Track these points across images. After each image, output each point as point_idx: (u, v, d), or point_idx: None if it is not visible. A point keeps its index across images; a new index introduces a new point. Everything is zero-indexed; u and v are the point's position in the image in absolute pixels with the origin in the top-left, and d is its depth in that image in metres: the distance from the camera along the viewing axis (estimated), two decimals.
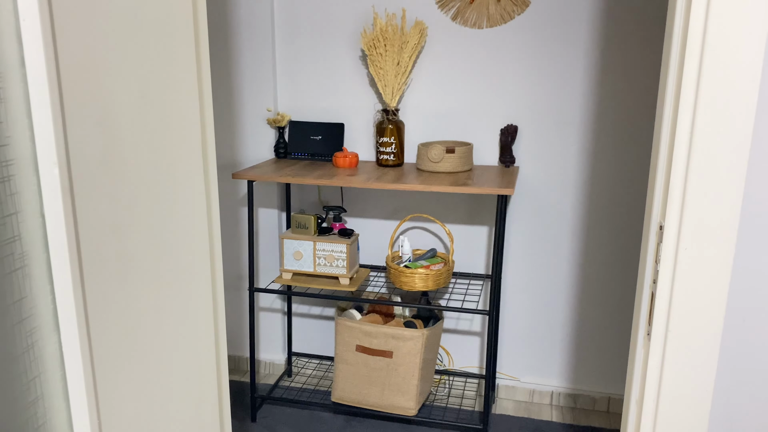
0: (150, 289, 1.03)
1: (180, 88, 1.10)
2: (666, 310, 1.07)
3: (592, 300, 2.43)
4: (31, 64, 0.76)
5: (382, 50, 2.23)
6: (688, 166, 1.00)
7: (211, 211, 1.23)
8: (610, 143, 2.26)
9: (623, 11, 2.14)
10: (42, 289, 0.82)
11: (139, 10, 0.96)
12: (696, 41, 0.94)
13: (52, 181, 0.79)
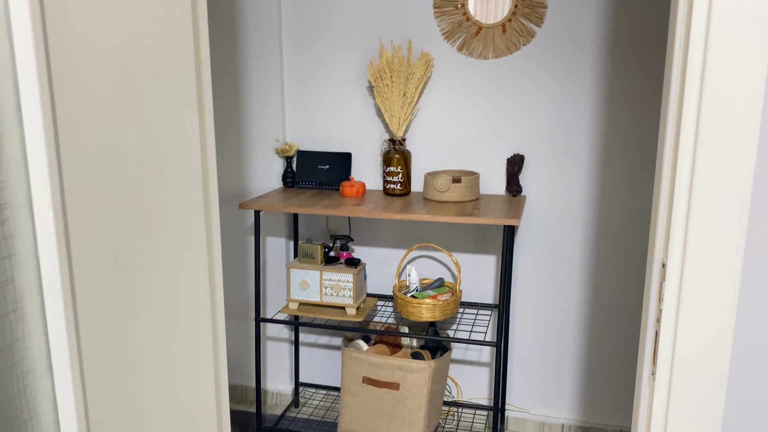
0: (148, 330, 1.02)
1: (181, 126, 1.11)
2: (670, 350, 1.05)
3: (603, 331, 2.39)
4: (27, 107, 0.77)
5: (388, 81, 2.25)
6: (689, 203, 0.99)
7: (213, 249, 1.23)
8: (617, 173, 2.25)
9: (629, 41, 2.14)
10: (35, 331, 0.83)
11: (139, 51, 0.97)
12: (695, 80, 0.94)
13: (47, 224, 0.80)
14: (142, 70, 0.99)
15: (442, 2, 2.27)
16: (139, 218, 0.99)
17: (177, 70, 1.09)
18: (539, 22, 2.20)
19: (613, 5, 2.13)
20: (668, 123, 1.00)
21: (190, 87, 1.14)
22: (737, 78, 0.91)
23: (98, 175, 0.89)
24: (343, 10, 2.37)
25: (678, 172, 0.98)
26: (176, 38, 1.07)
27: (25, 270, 0.80)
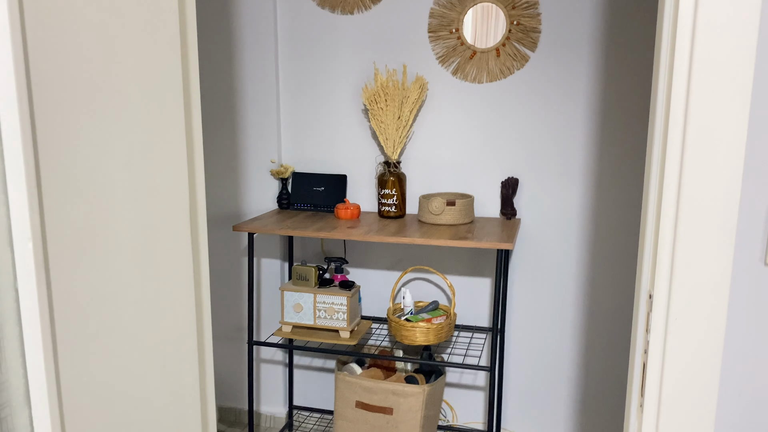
0: (132, 362, 1.02)
1: (168, 154, 1.11)
2: (658, 381, 1.04)
3: (597, 355, 2.37)
4: (6, 133, 0.77)
5: (383, 105, 2.26)
6: (675, 236, 0.98)
7: (200, 276, 1.23)
8: (611, 196, 2.25)
9: (621, 67, 2.15)
10: (14, 364, 0.82)
11: (123, 75, 0.98)
12: (678, 119, 0.94)
13: (26, 255, 0.80)
14: (127, 97, 0.99)
15: (437, 27, 2.29)
16: (125, 247, 0.99)
17: (164, 95, 1.09)
18: (533, 47, 2.22)
19: (606, 32, 2.15)
20: (653, 158, 1.00)
21: (178, 114, 1.14)
22: (719, 122, 0.91)
23: (81, 205, 0.89)
24: (338, 34, 2.39)
25: (663, 206, 0.98)
26: (163, 63, 1.08)
27: (4, 301, 0.80)
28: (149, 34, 1.03)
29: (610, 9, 2.13)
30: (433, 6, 2.28)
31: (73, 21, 0.86)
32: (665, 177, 0.97)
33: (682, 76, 0.91)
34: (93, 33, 0.90)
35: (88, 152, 0.90)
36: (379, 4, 2.33)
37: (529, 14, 2.20)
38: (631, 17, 2.12)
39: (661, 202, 0.98)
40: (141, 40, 1.01)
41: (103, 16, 0.92)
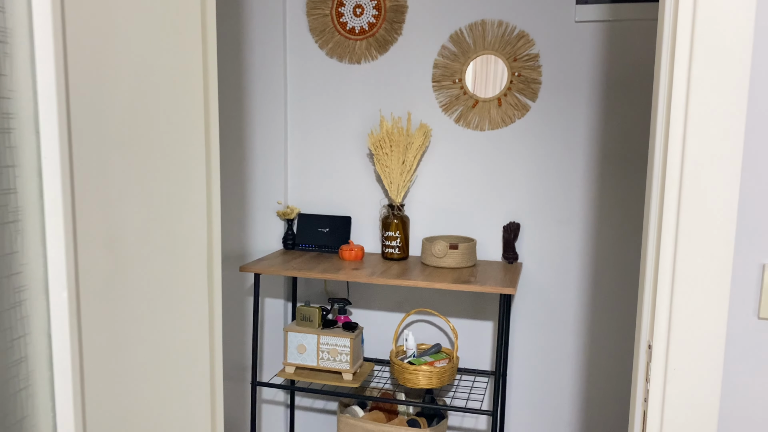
0: (149, 395, 1.05)
1: (188, 205, 1.17)
2: (658, 429, 1.07)
3: (600, 401, 2.39)
4: (49, 196, 0.83)
5: (388, 150, 2.33)
6: (672, 289, 1.03)
7: (214, 322, 1.27)
8: (611, 242, 2.30)
9: (618, 117, 2.24)
10: (44, 407, 0.86)
11: (152, 135, 1.04)
12: (674, 182, 1.00)
13: (61, 303, 0.84)
14: (156, 151, 1.05)
15: (441, 77, 2.38)
16: (146, 294, 1.04)
17: (188, 148, 1.16)
18: (533, 97, 2.30)
19: (603, 84, 2.24)
20: (651, 219, 1.06)
21: (200, 164, 1.20)
22: (713, 185, 0.97)
23: (108, 256, 0.94)
24: (346, 82, 2.48)
25: (661, 262, 1.03)
26: (188, 115, 1.14)
27: (38, 348, 0.84)
28: (178, 90, 1.10)
29: (608, 62, 2.23)
30: (437, 57, 2.38)
31: (110, 90, 0.92)
32: (662, 236, 1.02)
33: (676, 153, 0.98)
34: (130, 94, 0.97)
35: (118, 207, 0.95)
36: (385, 54, 2.43)
37: (530, 66, 2.29)
38: (627, 71, 2.21)
39: (659, 258, 1.03)
40: (169, 97, 1.08)
41: (139, 80, 0.99)
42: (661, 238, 1.02)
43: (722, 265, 1.00)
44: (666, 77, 1.02)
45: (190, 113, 1.14)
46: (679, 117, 0.97)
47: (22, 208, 0.80)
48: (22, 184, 0.80)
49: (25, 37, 0.78)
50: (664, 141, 1.00)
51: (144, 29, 1.01)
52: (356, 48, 2.45)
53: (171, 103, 1.08)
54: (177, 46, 1.10)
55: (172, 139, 1.10)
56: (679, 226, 1.00)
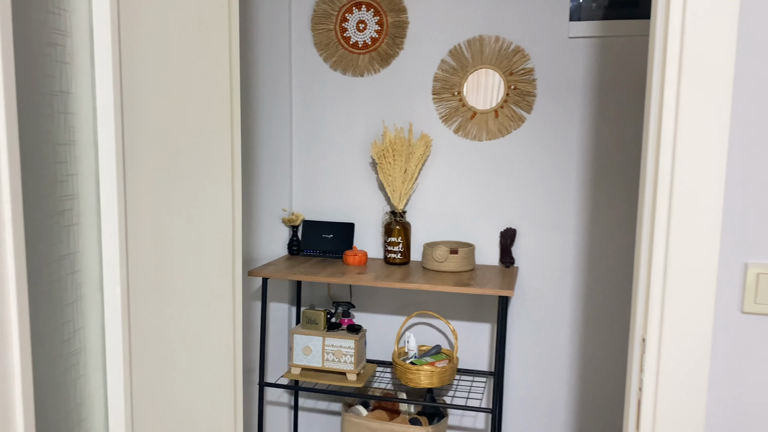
0: (183, 382, 1.14)
1: (217, 211, 1.26)
2: (651, 417, 1.17)
3: (596, 400, 2.49)
4: (105, 202, 0.92)
5: (390, 159, 2.43)
6: (664, 288, 1.13)
7: (236, 308, 1.36)
8: (604, 246, 2.41)
9: (611, 127, 2.35)
10: (98, 393, 0.94)
11: (188, 143, 1.13)
12: (665, 187, 1.10)
13: (114, 299, 0.93)
14: (189, 165, 1.14)
15: (440, 90, 2.49)
16: (182, 290, 1.12)
17: (215, 164, 1.25)
18: (529, 109, 2.42)
19: (597, 96, 2.35)
20: (644, 223, 1.16)
21: (225, 180, 1.30)
22: (700, 191, 1.08)
23: (153, 255, 1.03)
24: (349, 94, 2.58)
25: (653, 262, 1.13)
26: (215, 135, 1.24)
27: (93, 341, 0.93)
28: (208, 113, 1.19)
29: (600, 76, 2.34)
30: (437, 71, 2.48)
31: (155, 112, 1.02)
32: (654, 238, 1.12)
33: (666, 161, 1.08)
34: (170, 114, 1.06)
35: (161, 212, 1.04)
36: (387, 68, 2.54)
37: (525, 80, 2.40)
38: (618, 85, 2.33)
39: (652, 258, 1.13)
40: (202, 113, 1.17)
41: (179, 103, 1.08)
42: (653, 240, 1.12)
43: (709, 265, 1.10)
44: (657, 93, 1.13)
45: (218, 132, 1.24)
46: (669, 130, 1.08)
47: (82, 213, 0.89)
48: (83, 191, 0.89)
49: (86, 59, 0.87)
50: (656, 152, 1.11)
51: (184, 57, 1.11)
52: (359, 61, 2.56)
53: (203, 123, 1.17)
54: (211, 76, 1.19)
55: (204, 155, 1.19)
56: (670, 229, 1.11)
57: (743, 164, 1.08)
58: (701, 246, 1.10)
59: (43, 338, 0.83)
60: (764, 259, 1.10)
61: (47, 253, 0.83)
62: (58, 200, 0.84)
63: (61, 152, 0.84)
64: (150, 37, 0.97)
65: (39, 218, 0.81)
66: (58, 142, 0.84)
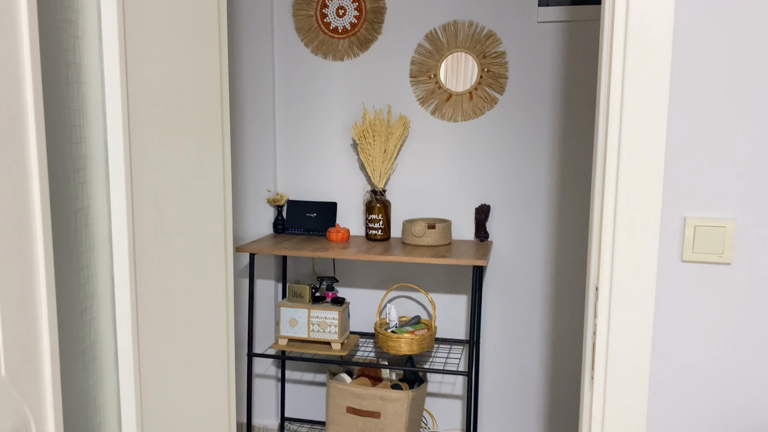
0: (182, 335, 1.25)
1: (210, 179, 1.37)
2: (604, 356, 1.31)
3: (564, 364, 2.65)
4: (114, 170, 1.02)
5: (370, 140, 2.55)
6: (614, 243, 1.27)
7: (228, 274, 1.47)
8: (571, 221, 2.56)
9: (578, 106, 2.49)
10: (108, 334, 1.05)
11: (185, 122, 1.24)
12: (613, 152, 1.24)
13: (122, 250, 1.04)
14: (186, 135, 1.25)
15: (417, 73, 2.61)
16: (180, 248, 1.24)
17: (208, 133, 1.36)
18: (501, 91, 2.55)
19: (565, 78, 2.49)
20: (596, 186, 1.30)
21: (217, 150, 1.41)
22: (643, 156, 1.22)
23: (154, 214, 1.14)
24: (330, 77, 2.69)
25: (604, 220, 1.27)
26: (207, 111, 1.35)
27: (103, 287, 1.04)
28: (201, 91, 1.30)
29: (568, 59, 2.48)
30: (414, 55, 2.60)
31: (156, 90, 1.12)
32: (605, 196, 1.26)
33: (615, 127, 1.22)
34: (168, 90, 1.17)
35: (159, 175, 1.15)
36: (366, 52, 2.65)
37: (497, 63, 2.53)
38: (585, 67, 2.47)
39: (603, 217, 1.27)
40: (195, 91, 1.28)
41: (175, 81, 1.19)
42: (604, 199, 1.26)
43: (652, 219, 1.24)
44: (606, 67, 1.26)
45: (210, 109, 1.35)
46: (616, 98, 1.21)
47: (93, 172, 1.00)
48: (93, 153, 1.00)
49: (95, 34, 0.97)
50: (606, 119, 1.24)
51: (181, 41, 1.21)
52: (339, 46, 2.67)
53: (197, 101, 1.28)
54: (202, 58, 1.30)
55: (197, 129, 1.30)
56: (618, 188, 1.24)
57: (682, 128, 1.22)
58: (645, 202, 1.24)
59: (63, 280, 0.94)
60: (701, 213, 1.24)
61: (65, 206, 0.94)
62: (74, 159, 0.95)
63: (76, 117, 0.95)
64: (151, 18, 1.08)
65: (58, 175, 0.92)
66: (73, 108, 0.94)
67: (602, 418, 1.33)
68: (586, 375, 1.37)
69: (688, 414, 1.29)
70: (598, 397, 1.33)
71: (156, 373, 1.14)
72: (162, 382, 1.17)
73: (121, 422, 1.07)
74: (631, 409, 1.30)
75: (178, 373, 1.23)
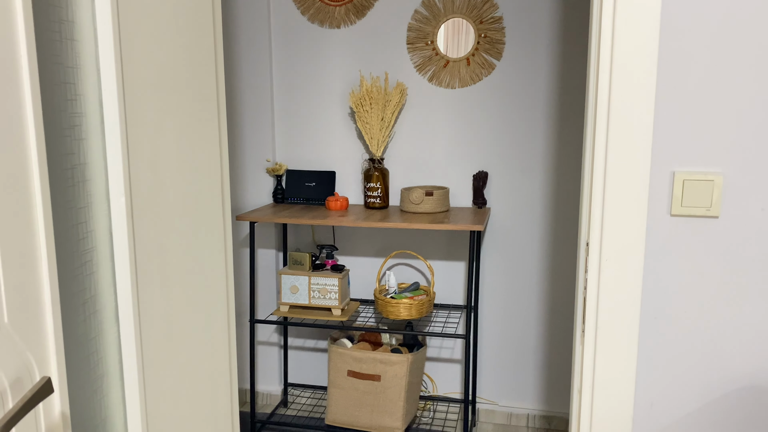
0: (181, 295, 1.28)
1: (206, 142, 1.39)
2: (594, 310, 1.34)
3: (561, 327, 2.68)
4: (108, 119, 1.04)
5: (368, 108, 2.55)
6: (604, 199, 1.29)
7: (227, 237, 1.50)
8: (567, 186, 2.57)
9: (574, 72, 2.49)
10: (108, 288, 1.08)
11: (179, 84, 1.26)
12: (603, 105, 1.25)
13: (119, 207, 1.07)
14: (182, 96, 1.27)
15: (414, 39, 2.60)
16: (176, 208, 1.26)
17: (203, 96, 1.37)
18: (498, 57, 2.54)
19: (562, 43, 2.48)
20: (587, 139, 1.31)
21: (213, 112, 1.42)
22: (631, 117, 1.23)
23: (150, 174, 1.16)
24: (327, 45, 2.69)
25: (595, 175, 1.29)
26: (202, 68, 1.36)
27: (101, 242, 1.07)
28: (198, 50, 1.31)
29: (566, 24, 2.47)
30: (411, 21, 2.60)
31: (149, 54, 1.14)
32: (596, 153, 1.28)
33: (605, 82, 1.23)
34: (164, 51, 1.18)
35: (155, 136, 1.17)
36: (362, 19, 2.64)
37: (494, 28, 2.53)
38: (584, 33, 2.46)
39: (593, 172, 1.29)
40: (191, 53, 1.29)
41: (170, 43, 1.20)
42: (594, 155, 1.27)
43: (641, 174, 1.26)
44: (596, 25, 1.26)
45: (204, 70, 1.36)
46: (606, 55, 1.22)
47: (89, 129, 1.02)
48: (88, 110, 1.01)
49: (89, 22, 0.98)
50: (596, 76, 1.25)
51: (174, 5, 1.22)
52: (336, 13, 2.66)
53: (191, 61, 1.29)
54: (196, 22, 1.30)
55: (192, 91, 1.31)
56: (608, 144, 1.26)
57: (671, 84, 1.23)
58: (635, 158, 1.25)
59: (62, 233, 0.97)
60: (689, 168, 1.25)
61: (62, 162, 0.96)
62: (70, 116, 0.97)
63: (70, 74, 0.97)
64: None
65: (54, 131, 0.94)
66: (67, 65, 0.96)
67: (593, 370, 1.36)
68: (577, 329, 1.40)
69: (677, 364, 1.32)
70: (588, 350, 1.36)
71: (156, 329, 1.18)
72: (163, 339, 1.20)
73: (123, 374, 1.11)
74: (621, 361, 1.34)
75: (178, 332, 1.27)
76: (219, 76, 1.45)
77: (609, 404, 1.36)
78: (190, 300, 1.32)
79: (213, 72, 1.41)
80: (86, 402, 1.04)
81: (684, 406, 1.33)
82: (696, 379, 1.31)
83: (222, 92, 1.47)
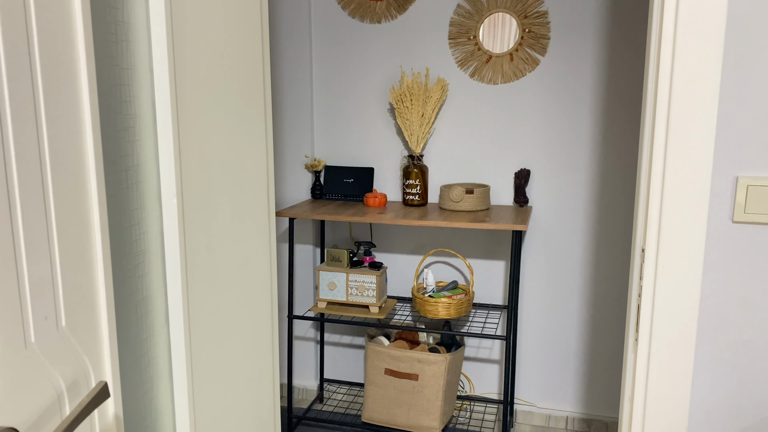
0: (227, 294, 1.28)
1: (253, 141, 1.38)
2: (649, 318, 1.29)
3: (603, 329, 2.62)
4: (162, 129, 1.04)
5: (408, 104, 2.52)
6: (662, 203, 1.24)
7: (271, 235, 1.49)
8: (613, 184, 2.51)
9: (622, 68, 2.42)
10: (159, 292, 1.08)
11: (228, 84, 1.25)
12: (663, 113, 1.20)
13: (172, 208, 1.06)
14: (225, 89, 1.26)
15: (456, 34, 2.56)
16: (224, 208, 1.26)
17: (250, 95, 1.36)
18: (543, 52, 2.48)
19: (609, 38, 2.41)
20: (644, 142, 1.26)
21: (260, 114, 1.41)
22: (693, 116, 1.17)
23: (200, 175, 1.16)
24: (367, 40, 2.66)
25: (653, 178, 1.24)
26: (250, 67, 1.35)
27: (153, 242, 1.07)
28: (245, 49, 1.30)
29: (613, 18, 2.40)
30: (453, 16, 2.55)
31: (202, 63, 1.13)
32: (654, 156, 1.23)
33: (665, 82, 1.18)
34: (213, 53, 1.17)
35: (204, 138, 1.17)
36: (404, 14, 2.61)
37: (539, 23, 2.47)
38: (631, 26, 2.39)
39: (651, 176, 1.24)
40: (239, 52, 1.28)
41: (219, 43, 1.19)
42: (652, 158, 1.23)
43: (703, 179, 1.20)
44: (657, 19, 1.21)
45: (252, 70, 1.35)
46: (667, 51, 1.17)
47: (143, 132, 1.02)
48: (142, 113, 1.01)
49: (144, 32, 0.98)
50: (656, 73, 1.20)
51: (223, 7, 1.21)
52: (377, 8, 2.63)
53: (239, 61, 1.28)
54: (243, 21, 1.29)
55: (240, 90, 1.31)
56: (668, 147, 1.21)
57: (735, 86, 1.17)
58: (696, 162, 1.20)
59: (116, 235, 0.97)
60: (753, 173, 1.20)
61: (117, 164, 0.96)
62: (124, 118, 0.97)
63: (125, 76, 0.96)
64: None
65: (110, 133, 0.94)
66: (122, 66, 0.96)
67: (646, 378, 1.32)
68: (630, 337, 1.36)
69: (735, 379, 1.27)
70: (642, 359, 1.31)
71: (204, 329, 1.18)
72: (210, 338, 1.20)
73: (172, 375, 1.11)
74: (677, 371, 1.29)
75: (224, 330, 1.27)
76: (266, 74, 1.44)
77: (663, 413, 1.32)
78: (236, 298, 1.32)
79: (260, 71, 1.40)
80: (137, 403, 1.04)
81: (742, 419, 1.28)
82: (756, 393, 1.26)
83: (268, 90, 1.46)
